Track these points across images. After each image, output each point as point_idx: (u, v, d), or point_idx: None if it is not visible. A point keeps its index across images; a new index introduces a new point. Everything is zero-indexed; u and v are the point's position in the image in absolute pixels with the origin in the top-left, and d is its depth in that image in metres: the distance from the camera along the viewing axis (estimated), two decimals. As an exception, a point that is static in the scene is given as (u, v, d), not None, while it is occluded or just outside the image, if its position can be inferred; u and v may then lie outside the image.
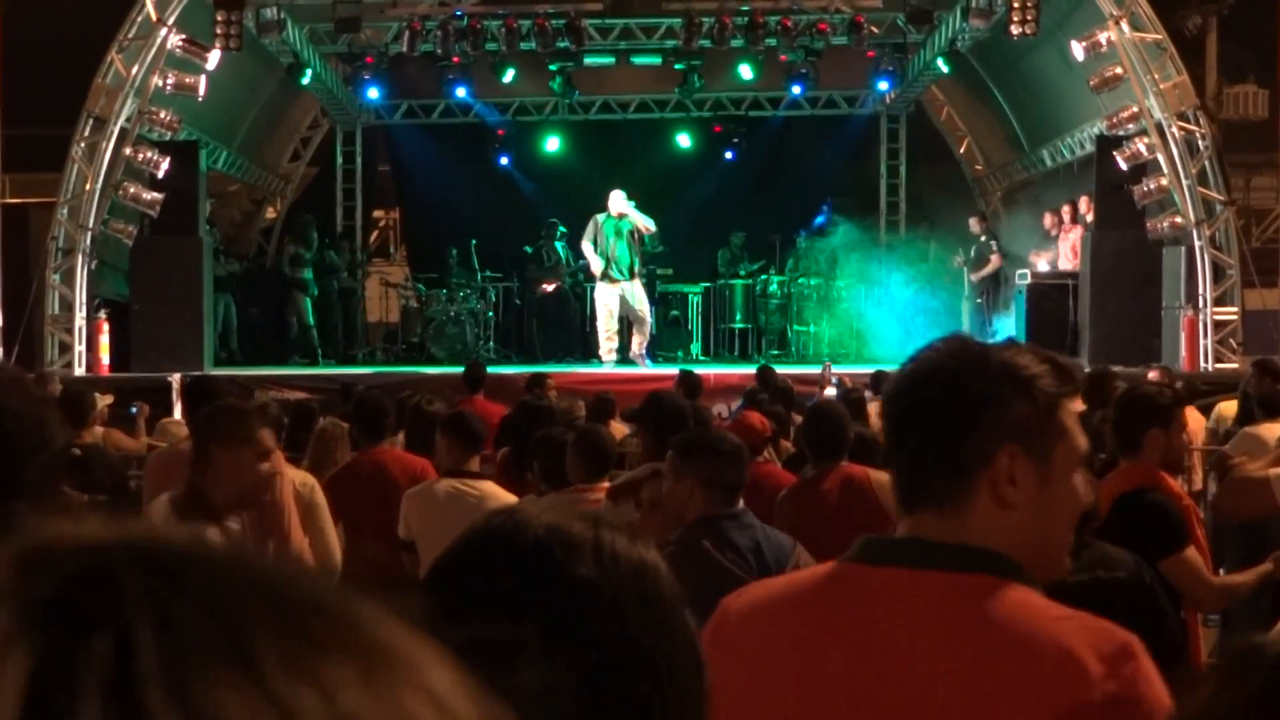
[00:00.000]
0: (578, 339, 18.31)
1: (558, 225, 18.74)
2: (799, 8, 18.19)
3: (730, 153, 21.40)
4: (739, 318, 19.40)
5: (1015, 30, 15.51)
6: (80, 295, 15.91)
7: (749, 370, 13.54)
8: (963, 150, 22.17)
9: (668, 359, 17.48)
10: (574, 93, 20.20)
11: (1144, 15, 15.57)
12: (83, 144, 15.87)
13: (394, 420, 7.29)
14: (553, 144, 21.16)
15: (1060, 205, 17.60)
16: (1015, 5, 15.36)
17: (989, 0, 16.35)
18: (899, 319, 16.74)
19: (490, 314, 18.69)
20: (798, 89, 20.01)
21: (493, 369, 12.24)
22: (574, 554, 1.23)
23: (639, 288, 16.27)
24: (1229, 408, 9.60)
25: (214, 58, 15.83)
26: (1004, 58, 18.42)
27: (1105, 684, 1.66)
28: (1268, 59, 17.35)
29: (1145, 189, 15.72)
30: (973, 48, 18.29)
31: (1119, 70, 15.46)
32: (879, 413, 2.92)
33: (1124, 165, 15.84)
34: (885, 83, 20.08)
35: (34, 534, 0.52)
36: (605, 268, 16.04)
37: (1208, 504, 7.69)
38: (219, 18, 15.48)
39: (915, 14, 18.24)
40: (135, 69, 15.62)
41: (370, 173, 22.30)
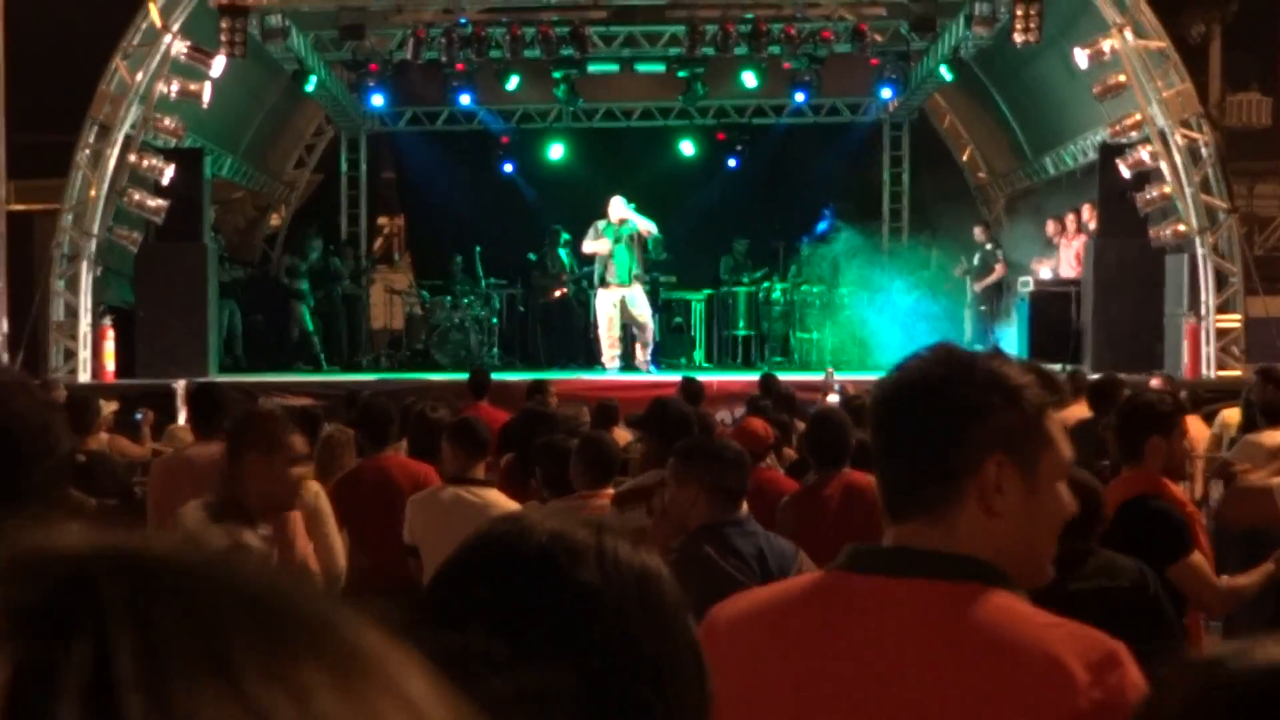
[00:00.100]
0: (581, 345, 18.30)
1: (561, 232, 18.75)
2: (802, 15, 18.18)
3: (733, 160, 21.42)
4: (742, 325, 19.44)
5: (1018, 38, 15.51)
6: (85, 302, 15.91)
7: (752, 377, 13.59)
8: (965, 158, 22.14)
9: (671, 365, 17.48)
10: (578, 100, 20.21)
11: (1147, 23, 15.52)
12: (88, 150, 15.86)
13: (398, 427, 7.29)
14: (556, 151, 21.18)
15: (1063, 213, 17.54)
16: (1018, 13, 15.35)
17: (992, 8, 16.38)
18: (901, 326, 16.72)
19: (494, 320, 18.70)
20: (801, 96, 20.02)
21: (497, 375, 12.22)
22: (577, 560, 1.23)
23: (640, 292, 16.28)
24: (1233, 414, 9.57)
25: (219, 64, 15.82)
26: (1007, 65, 18.40)
27: (1092, 691, 1.67)
28: (1271, 67, 17.37)
29: (1148, 197, 15.69)
30: (976, 55, 18.28)
31: (1122, 78, 15.41)
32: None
33: (1127, 173, 15.80)
34: (888, 90, 20.08)
35: (15, 542, 0.52)
36: (604, 273, 16.09)
37: (1209, 510, 7.70)
38: (224, 25, 15.48)
39: (918, 22, 18.29)
40: (140, 76, 15.61)
41: (375, 180, 22.33)
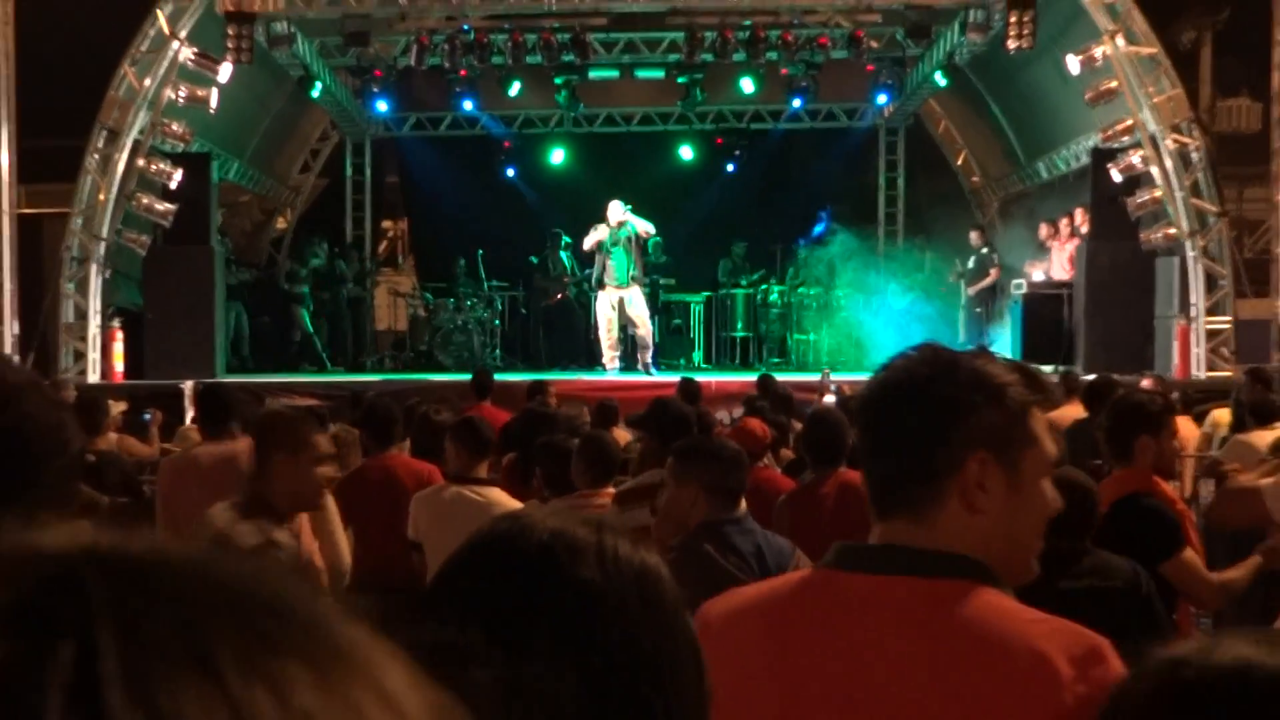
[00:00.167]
0: (582, 347, 18.39)
1: (562, 235, 18.82)
2: (800, 22, 18.32)
3: (731, 164, 21.57)
4: (740, 326, 19.57)
5: (1012, 44, 15.62)
6: (94, 304, 15.99)
7: (750, 378, 13.69)
8: (960, 162, 22.24)
9: (670, 367, 17.58)
10: (578, 106, 20.37)
11: (1139, 30, 15.62)
12: (96, 155, 15.94)
13: (402, 427, 7.33)
14: (557, 156, 21.34)
15: (1056, 216, 17.64)
16: (1012, 20, 15.47)
17: (986, 15, 16.52)
18: (896, 327, 16.81)
19: (496, 322, 18.84)
20: (798, 102, 20.21)
21: (499, 376, 12.35)
22: (578, 558, 1.23)
23: (638, 294, 16.34)
24: (1223, 415, 9.61)
25: (225, 70, 15.91)
26: (1001, 71, 18.49)
27: (1076, 686, 1.67)
28: (1261, 73, 17.49)
29: (1139, 201, 15.82)
30: (970, 61, 18.40)
31: (1114, 84, 15.53)
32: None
33: (1118, 177, 15.92)
34: (884, 96, 20.25)
35: (0, 541, 0.53)
36: (603, 274, 16.25)
37: (1199, 508, 7.79)
38: (230, 31, 15.58)
39: (914, 28, 18.46)
40: (148, 82, 15.71)
41: (379, 184, 22.45)
